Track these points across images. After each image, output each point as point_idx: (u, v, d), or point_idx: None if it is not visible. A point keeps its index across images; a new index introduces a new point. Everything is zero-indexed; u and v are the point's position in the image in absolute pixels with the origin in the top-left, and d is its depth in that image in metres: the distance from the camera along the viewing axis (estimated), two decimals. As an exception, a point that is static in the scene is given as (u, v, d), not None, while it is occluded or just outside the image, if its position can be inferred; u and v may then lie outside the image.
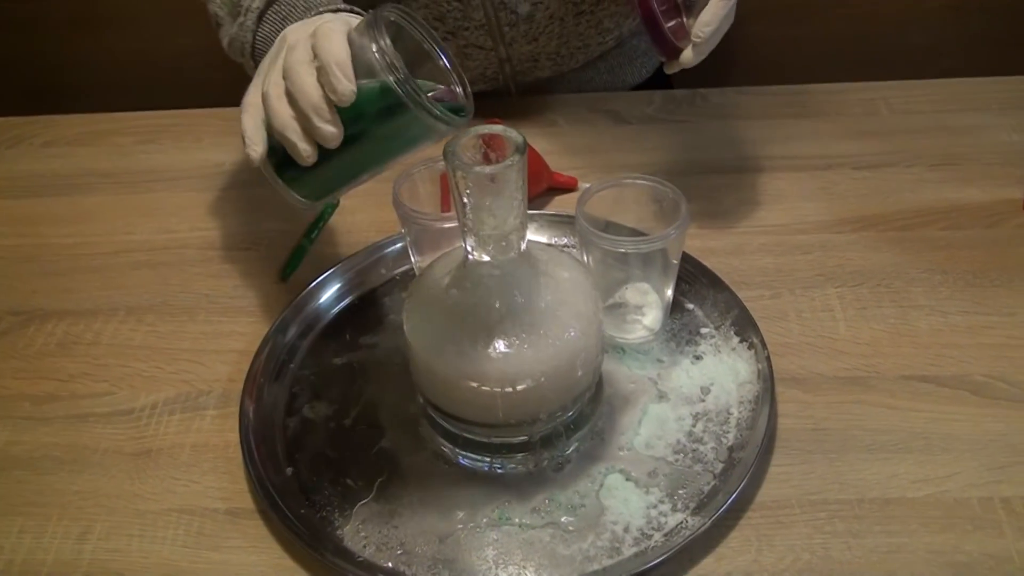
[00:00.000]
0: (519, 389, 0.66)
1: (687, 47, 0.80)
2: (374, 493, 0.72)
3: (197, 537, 0.70)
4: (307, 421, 0.78)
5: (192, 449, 0.77)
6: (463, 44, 1.08)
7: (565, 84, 1.18)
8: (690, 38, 0.79)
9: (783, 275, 0.88)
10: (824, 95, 1.12)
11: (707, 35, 0.79)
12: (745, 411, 0.75)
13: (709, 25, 0.78)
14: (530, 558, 0.67)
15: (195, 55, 1.36)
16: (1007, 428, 0.73)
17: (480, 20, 1.05)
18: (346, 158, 0.67)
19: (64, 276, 0.95)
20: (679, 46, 0.80)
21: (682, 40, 0.80)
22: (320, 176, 0.69)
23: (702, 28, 0.78)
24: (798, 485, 0.70)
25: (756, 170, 1.01)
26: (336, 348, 0.84)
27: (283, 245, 0.96)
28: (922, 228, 0.92)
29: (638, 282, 0.80)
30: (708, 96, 1.13)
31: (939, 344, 0.80)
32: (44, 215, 1.03)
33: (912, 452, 0.72)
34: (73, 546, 0.70)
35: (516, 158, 0.60)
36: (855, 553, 0.66)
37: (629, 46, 1.20)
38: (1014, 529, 0.67)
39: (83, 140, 1.15)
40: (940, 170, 0.99)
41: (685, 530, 0.67)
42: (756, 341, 0.78)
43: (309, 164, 0.66)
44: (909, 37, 1.39)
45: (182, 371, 0.83)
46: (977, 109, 1.08)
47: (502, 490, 0.71)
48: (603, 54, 1.17)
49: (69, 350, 0.86)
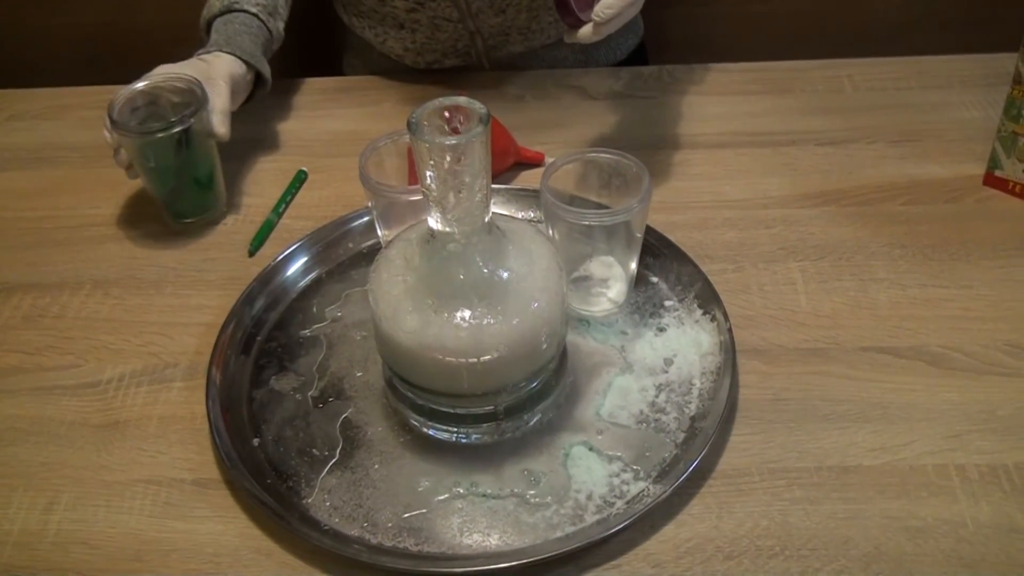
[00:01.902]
0: (483, 360, 0.67)
1: (589, 22, 0.82)
2: (340, 463, 0.72)
3: (164, 507, 0.71)
4: (274, 393, 0.78)
5: (159, 421, 0.77)
6: (432, 16, 1.09)
7: (538, 61, 1.19)
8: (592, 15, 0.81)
9: (746, 249, 0.89)
10: (788, 72, 1.13)
11: (607, 17, 0.81)
12: (707, 382, 0.76)
13: (611, 8, 0.81)
14: (494, 526, 0.68)
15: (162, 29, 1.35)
16: (962, 398, 0.75)
17: None
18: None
19: (30, 250, 0.94)
20: (582, 18, 0.82)
21: (585, 12, 0.82)
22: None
23: (604, 9, 0.81)
24: (758, 454, 0.72)
25: (720, 145, 1.02)
26: (303, 321, 0.84)
27: (250, 219, 0.96)
28: (883, 203, 0.93)
29: (603, 255, 0.81)
30: (674, 72, 1.14)
31: (898, 316, 0.82)
32: (10, 189, 1.03)
33: (870, 421, 0.73)
34: (39, 516, 0.70)
35: (479, 129, 0.60)
36: (813, 519, 0.67)
37: None
38: (968, 495, 0.68)
39: (49, 114, 1.15)
40: (902, 146, 1.01)
41: (647, 498, 0.68)
42: (719, 314, 0.79)
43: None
44: (874, 15, 1.40)
45: (149, 343, 0.83)
46: (939, 87, 1.09)
47: (467, 460, 0.72)
48: None
49: (35, 323, 0.86)
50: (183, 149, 0.91)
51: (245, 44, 1.01)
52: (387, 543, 0.67)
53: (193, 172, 0.94)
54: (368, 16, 1.16)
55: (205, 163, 0.94)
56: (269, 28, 1.05)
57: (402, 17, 1.12)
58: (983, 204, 0.93)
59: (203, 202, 0.96)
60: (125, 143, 0.91)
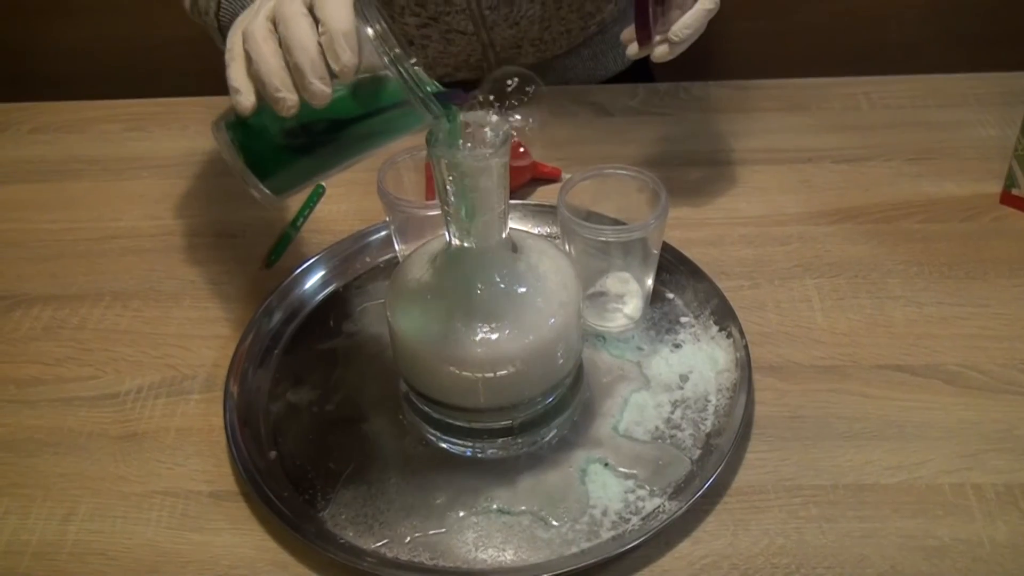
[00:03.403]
0: (499, 374, 0.67)
1: (661, 40, 0.82)
2: (356, 477, 0.72)
3: (181, 519, 0.71)
4: (291, 406, 0.78)
5: (177, 432, 0.77)
6: (445, 29, 1.09)
7: (549, 71, 1.19)
8: (665, 30, 0.81)
9: (762, 265, 0.89)
10: (805, 89, 1.13)
11: (684, 37, 0.81)
12: (723, 399, 0.76)
13: (688, 28, 0.81)
14: (509, 541, 0.68)
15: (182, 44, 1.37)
16: (979, 416, 0.74)
17: (461, 4, 1.06)
18: (327, 144, 0.64)
19: (50, 261, 0.95)
20: (653, 33, 0.82)
21: (656, 27, 0.82)
22: (291, 163, 0.65)
23: (682, 30, 0.81)
24: (774, 471, 0.72)
25: (737, 162, 1.02)
26: (320, 334, 0.84)
27: (269, 232, 0.97)
28: (899, 221, 0.94)
29: (619, 271, 0.81)
30: (691, 89, 1.14)
31: (914, 334, 0.82)
32: (31, 201, 1.03)
33: (886, 439, 0.73)
34: (58, 527, 0.71)
35: (499, 147, 0.60)
36: (828, 537, 0.67)
37: (611, 33, 1.21)
38: (984, 514, 0.68)
39: (70, 127, 1.16)
40: (918, 164, 1.01)
41: (662, 514, 0.68)
42: (734, 330, 0.80)
43: (289, 116, 0.60)
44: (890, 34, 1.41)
45: (167, 356, 0.84)
46: (955, 105, 1.09)
47: (483, 475, 0.72)
48: (586, 40, 1.18)
49: (55, 334, 0.87)
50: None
51: None
52: (402, 557, 0.67)
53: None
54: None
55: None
56: None
57: (412, 33, 1.12)
58: (1000, 223, 0.93)
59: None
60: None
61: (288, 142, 0.64)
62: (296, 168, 0.66)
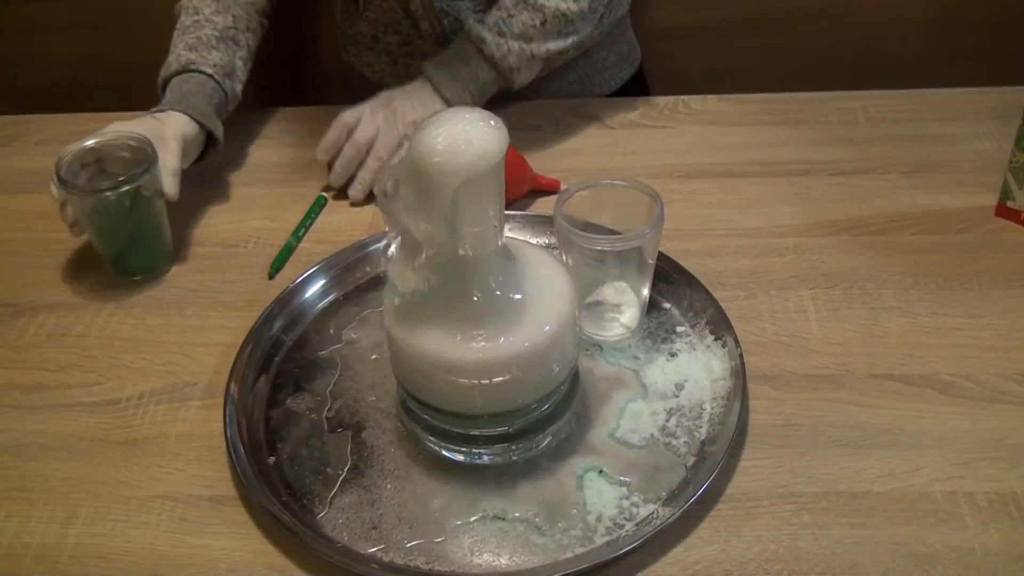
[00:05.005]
0: (495, 381, 0.68)
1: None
2: (354, 482, 0.73)
3: (180, 523, 0.72)
4: (290, 412, 0.79)
5: (177, 438, 0.78)
6: (419, 54, 1.11)
7: (534, 93, 1.18)
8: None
9: (758, 276, 0.90)
10: (803, 103, 1.14)
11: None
12: (717, 407, 0.77)
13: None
14: (504, 546, 0.68)
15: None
16: (972, 425, 0.75)
17: (427, 30, 1.08)
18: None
19: (55, 270, 0.96)
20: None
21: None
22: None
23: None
24: (767, 478, 0.72)
25: (734, 175, 1.03)
26: (319, 342, 0.85)
27: (270, 242, 0.98)
28: (895, 233, 0.94)
29: (616, 281, 0.82)
30: (689, 103, 1.15)
31: (908, 344, 0.82)
32: (37, 211, 1.04)
33: (879, 448, 0.74)
34: (58, 530, 0.72)
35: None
36: (821, 544, 0.68)
37: (596, 57, 1.21)
38: (976, 522, 0.68)
39: (74, 139, 1.16)
40: (914, 177, 1.02)
41: (656, 520, 0.68)
42: (730, 340, 0.80)
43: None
44: (887, 49, 1.41)
45: (169, 363, 0.85)
46: (951, 119, 1.10)
47: (479, 481, 0.73)
48: (570, 64, 1.18)
49: (59, 341, 0.88)
50: (131, 208, 0.89)
51: (199, 104, 1.01)
52: (399, 561, 0.68)
53: (141, 231, 0.92)
54: (363, 54, 1.19)
55: (153, 222, 0.93)
56: (224, 89, 1.05)
57: (396, 52, 1.14)
58: (994, 235, 0.93)
59: (150, 259, 0.95)
60: (72, 201, 0.90)
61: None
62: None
